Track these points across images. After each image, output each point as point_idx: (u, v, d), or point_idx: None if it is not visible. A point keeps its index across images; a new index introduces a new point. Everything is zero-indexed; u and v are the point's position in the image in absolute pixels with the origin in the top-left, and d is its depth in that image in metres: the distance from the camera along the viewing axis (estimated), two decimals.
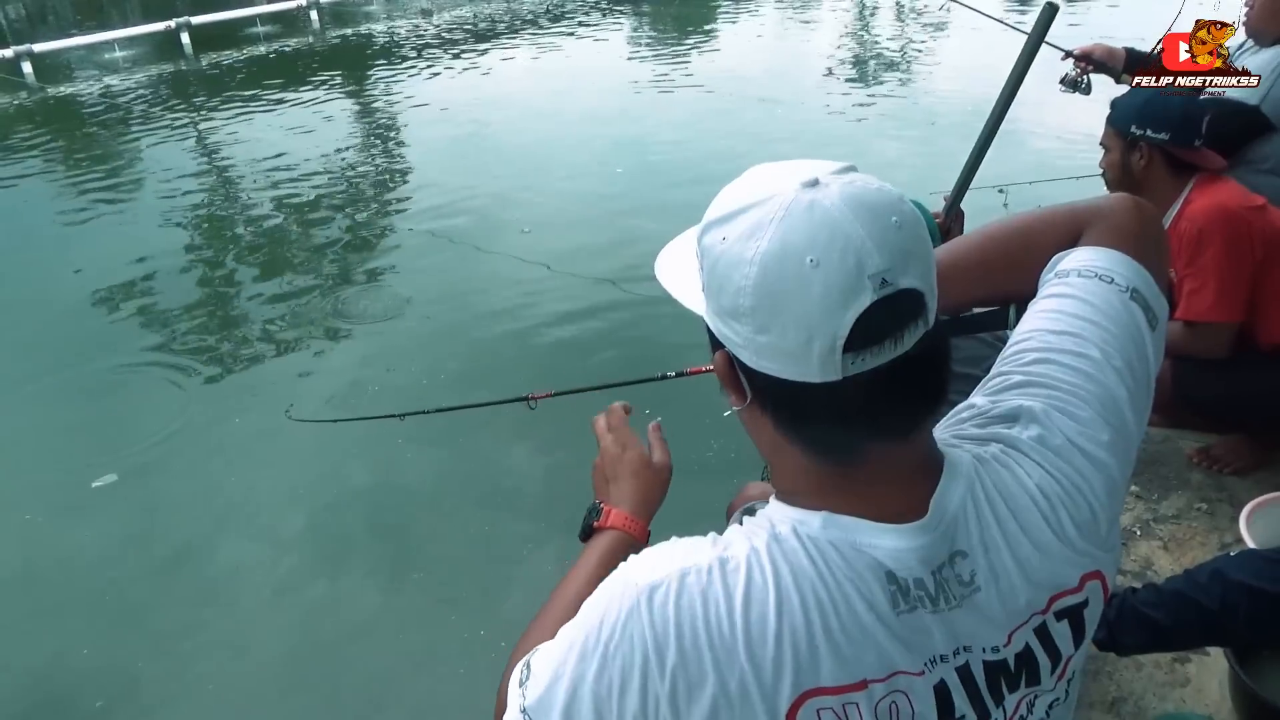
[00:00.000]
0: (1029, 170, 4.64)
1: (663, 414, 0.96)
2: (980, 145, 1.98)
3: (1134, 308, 0.82)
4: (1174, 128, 2.14)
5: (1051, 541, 0.74)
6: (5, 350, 4.38)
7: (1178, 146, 2.16)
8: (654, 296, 4.17)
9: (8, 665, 2.59)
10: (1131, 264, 0.84)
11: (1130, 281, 0.83)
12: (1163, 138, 2.15)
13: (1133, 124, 2.18)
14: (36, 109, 9.57)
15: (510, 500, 3.13)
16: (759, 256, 0.66)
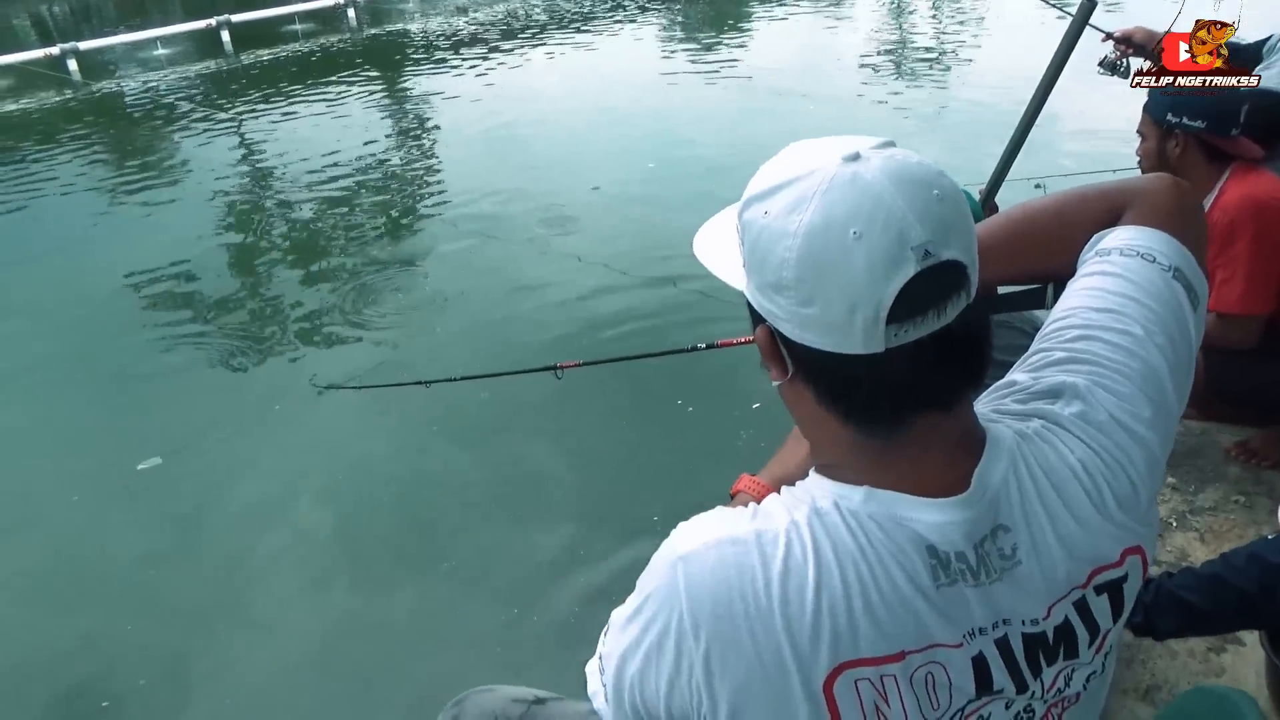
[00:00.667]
0: (1067, 162, 4.60)
1: (695, 400, 0.97)
2: (1018, 135, 1.98)
3: (1176, 286, 0.82)
4: (1210, 116, 2.12)
5: (1093, 516, 0.75)
6: (54, 338, 4.49)
7: (1213, 135, 2.14)
8: (683, 282, 4.22)
9: (56, 642, 2.66)
10: (1173, 242, 0.84)
11: (1172, 260, 0.83)
12: (1198, 126, 2.13)
13: (1169, 112, 2.16)
14: (82, 105, 9.76)
15: (539, 476, 3.16)
16: (802, 229, 0.67)
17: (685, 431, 3.28)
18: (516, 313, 4.32)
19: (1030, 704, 0.77)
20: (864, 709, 0.71)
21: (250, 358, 4.20)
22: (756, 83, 8.55)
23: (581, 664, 0.94)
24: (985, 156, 2.32)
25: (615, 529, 2.81)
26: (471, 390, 3.41)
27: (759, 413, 3.28)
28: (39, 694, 2.50)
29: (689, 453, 3.14)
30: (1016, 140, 1.97)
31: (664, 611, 0.73)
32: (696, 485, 2.79)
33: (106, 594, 2.83)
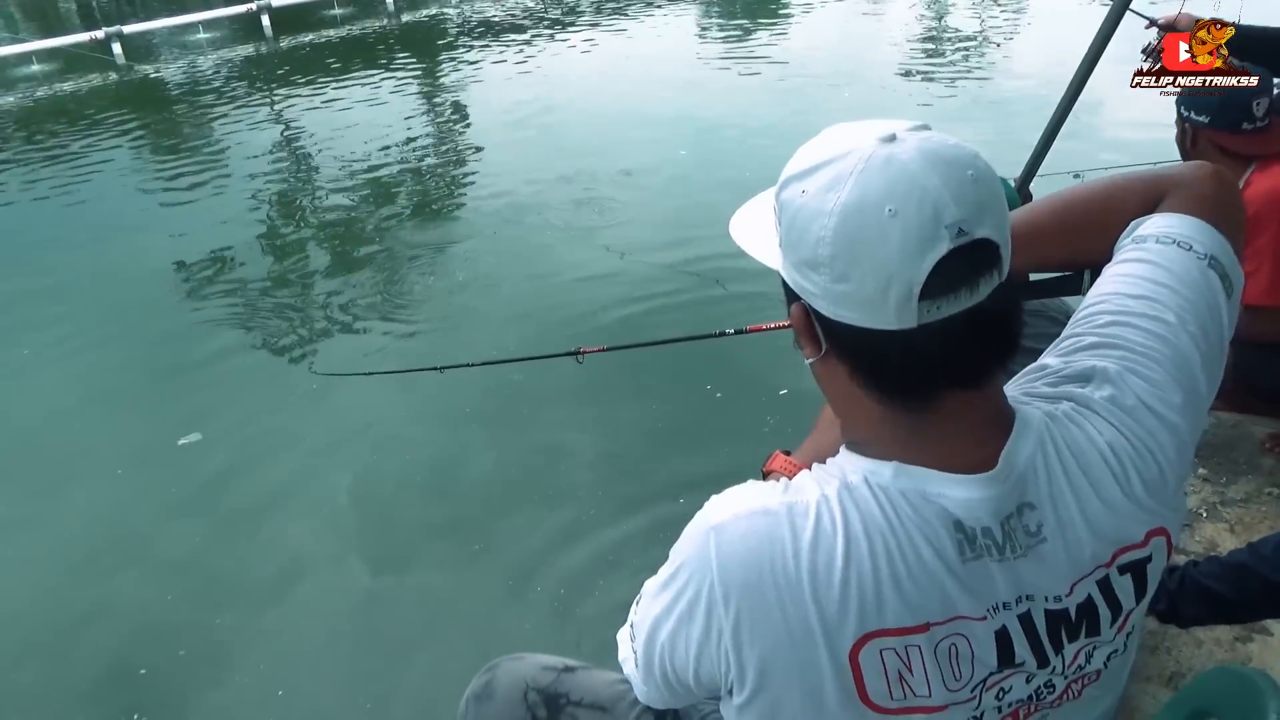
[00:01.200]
0: (1110, 155, 4.55)
1: (723, 385, 0.98)
2: (1054, 123, 1.98)
3: (1211, 275, 0.83)
4: (1212, 112, 2.11)
5: (1119, 498, 0.76)
6: (99, 318, 4.60)
7: (1218, 130, 2.12)
8: (710, 269, 4.22)
9: (97, 608, 2.75)
10: (1210, 230, 0.85)
11: (1208, 249, 0.84)
12: (1202, 121, 2.12)
13: (1181, 105, 2.16)
14: (126, 88, 9.93)
15: (567, 458, 3.22)
16: (839, 207, 0.69)
17: (712, 416, 3.31)
18: (543, 298, 4.35)
19: (1051, 679, 0.79)
20: (888, 677, 0.73)
21: (288, 340, 4.28)
22: (791, 70, 8.50)
23: (610, 637, 0.98)
24: (1024, 146, 2.31)
25: (642, 509, 2.85)
26: (504, 373, 3.47)
27: (786, 399, 3.29)
28: (81, 658, 2.58)
29: (715, 436, 3.17)
30: (1052, 128, 1.97)
31: (696, 579, 0.76)
32: (722, 467, 2.81)
33: (146, 563, 2.92)
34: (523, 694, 1.18)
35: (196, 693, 2.44)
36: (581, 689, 1.19)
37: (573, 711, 1.17)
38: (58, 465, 3.42)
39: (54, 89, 9.94)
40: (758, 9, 12.15)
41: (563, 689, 1.19)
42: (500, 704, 1.19)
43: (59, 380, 4.03)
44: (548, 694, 1.18)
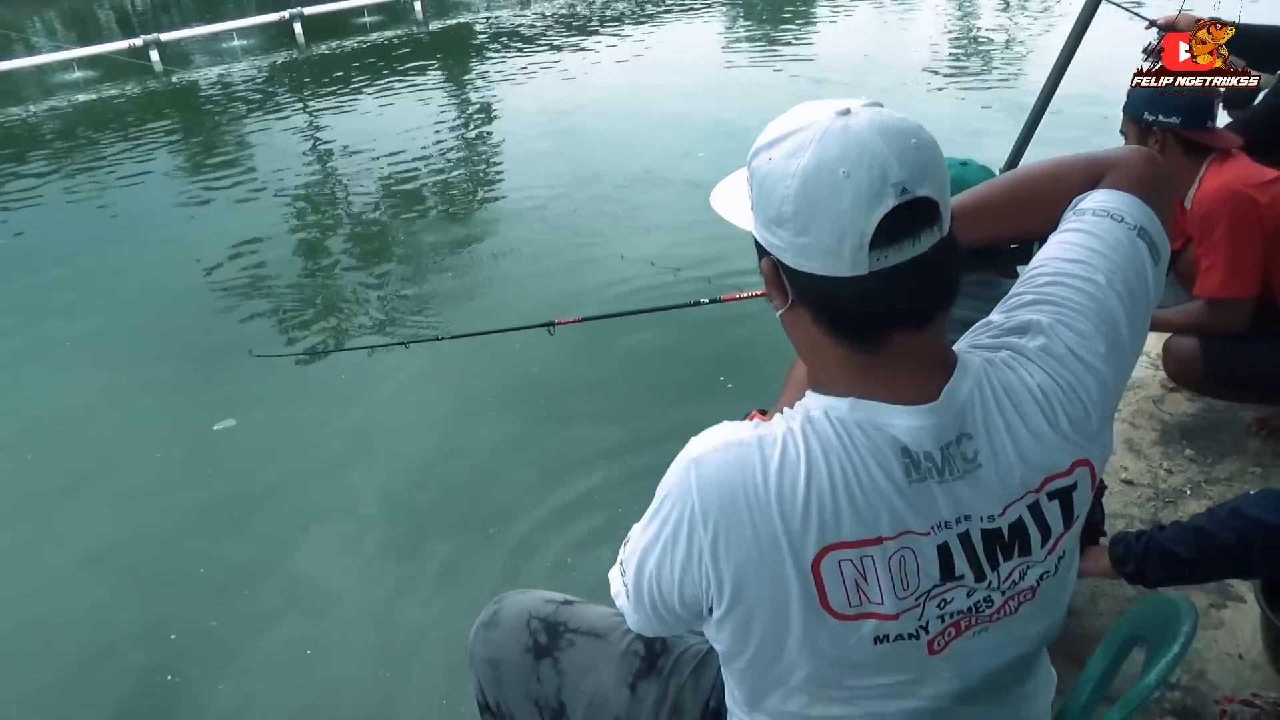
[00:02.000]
0: None
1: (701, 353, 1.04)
2: (1035, 113, 2.07)
3: (1140, 243, 0.94)
4: (1183, 111, 2.20)
5: (1047, 431, 0.87)
6: (138, 313, 4.81)
7: (1189, 130, 2.22)
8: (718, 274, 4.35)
9: (135, 580, 2.93)
10: (1141, 205, 0.96)
11: (1138, 220, 0.95)
12: (1174, 121, 2.22)
13: (1145, 110, 2.25)
14: (163, 93, 10.20)
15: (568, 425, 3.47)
16: (800, 170, 0.79)
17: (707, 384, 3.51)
18: (558, 295, 4.49)
19: (989, 594, 0.89)
20: (846, 585, 0.83)
21: (314, 331, 4.46)
22: (816, 75, 8.58)
23: (605, 583, 1.09)
24: (1048, 144, 2.40)
25: (634, 468, 3.07)
26: (531, 357, 3.70)
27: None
28: (117, 622, 2.75)
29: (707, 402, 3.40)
30: (1034, 118, 2.06)
31: (679, 506, 0.86)
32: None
33: (181, 538, 3.08)
34: (525, 622, 1.31)
35: (226, 655, 2.59)
36: (579, 619, 1.31)
37: (570, 638, 1.29)
38: (100, 449, 3.60)
39: (94, 95, 10.22)
40: (784, 13, 12.24)
41: (561, 618, 1.31)
42: (505, 630, 1.32)
43: (99, 372, 4.22)
44: (548, 622, 1.31)
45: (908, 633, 0.87)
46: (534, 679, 1.28)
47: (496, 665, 1.31)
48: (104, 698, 2.49)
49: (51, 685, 2.56)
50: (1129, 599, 1.97)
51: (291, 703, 2.44)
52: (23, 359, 4.38)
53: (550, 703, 1.27)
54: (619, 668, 1.25)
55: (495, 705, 1.33)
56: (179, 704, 2.46)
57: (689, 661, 1.24)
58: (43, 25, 16.95)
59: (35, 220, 6.49)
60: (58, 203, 6.81)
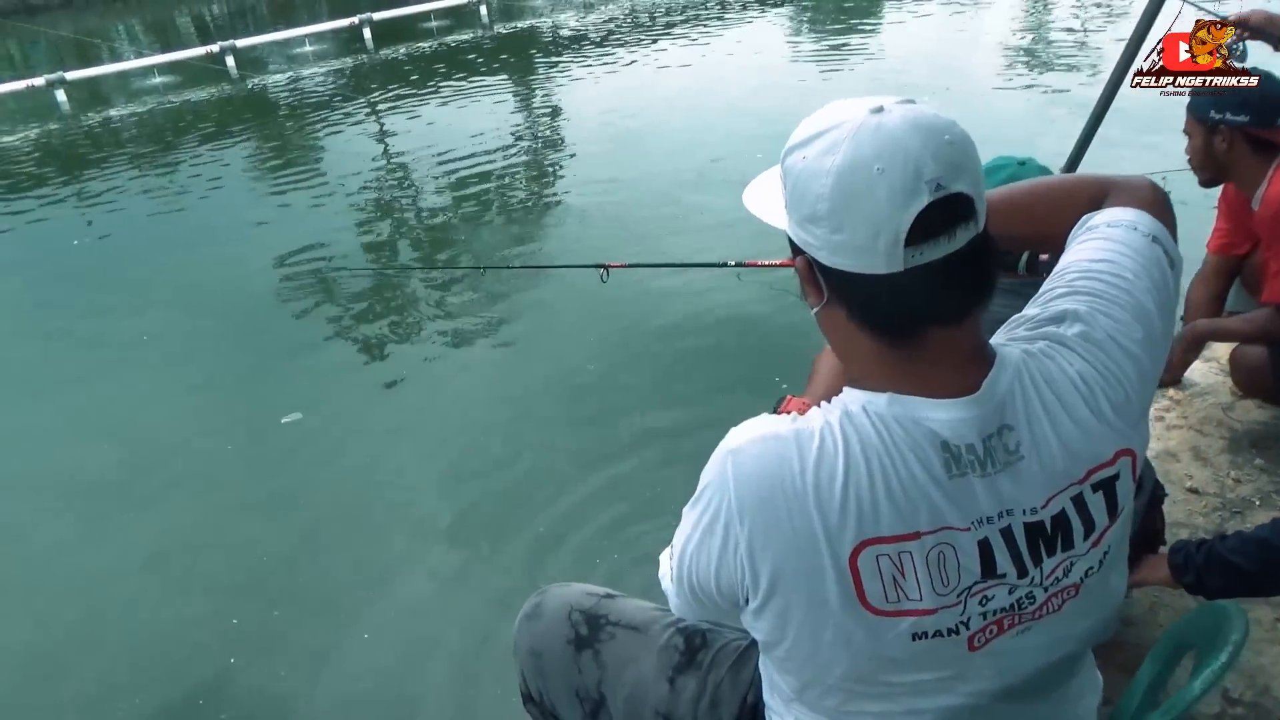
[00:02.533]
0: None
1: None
2: (1094, 117, 2.02)
3: (1155, 247, 0.95)
4: (1253, 109, 2.12)
5: (1089, 419, 0.86)
6: (214, 305, 4.99)
7: (1258, 128, 2.14)
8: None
9: (205, 564, 3.05)
10: (1150, 218, 0.97)
11: (1151, 230, 0.96)
12: (1242, 120, 2.13)
13: (1212, 109, 2.17)
14: (237, 98, 10.53)
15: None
16: (834, 168, 0.79)
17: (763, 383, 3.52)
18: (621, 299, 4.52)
19: (1031, 590, 0.88)
20: (884, 581, 0.83)
21: (380, 330, 4.57)
22: (880, 76, 8.50)
23: (649, 578, 1.11)
24: (1109, 144, 2.33)
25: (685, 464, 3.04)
26: (588, 355, 3.80)
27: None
28: (185, 610, 2.85)
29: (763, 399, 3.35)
30: (1095, 118, 2.02)
31: (716, 498, 0.87)
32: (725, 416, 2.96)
33: (246, 530, 3.18)
34: (567, 614, 1.33)
35: (286, 641, 2.68)
36: (619, 612, 1.33)
37: (611, 630, 1.31)
38: (175, 440, 3.74)
39: (173, 100, 10.59)
40: (851, 12, 12.12)
41: (602, 611, 1.34)
42: (548, 622, 1.34)
43: (175, 366, 4.38)
44: (589, 615, 1.33)
45: (947, 629, 0.86)
46: (575, 670, 1.30)
47: (539, 656, 1.34)
48: (168, 677, 2.59)
49: (121, 663, 2.67)
50: (1189, 610, 1.91)
51: (346, 689, 2.51)
52: (102, 353, 4.56)
53: (591, 694, 1.29)
54: (658, 661, 1.27)
55: (538, 695, 1.35)
56: (239, 686, 2.55)
57: (728, 656, 1.24)
58: (126, 33, 17.61)
59: (116, 220, 6.75)
60: (137, 203, 7.07)
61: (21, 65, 15.24)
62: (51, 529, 3.28)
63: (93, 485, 3.51)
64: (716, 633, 1.29)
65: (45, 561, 3.12)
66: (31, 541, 3.23)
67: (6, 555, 3.17)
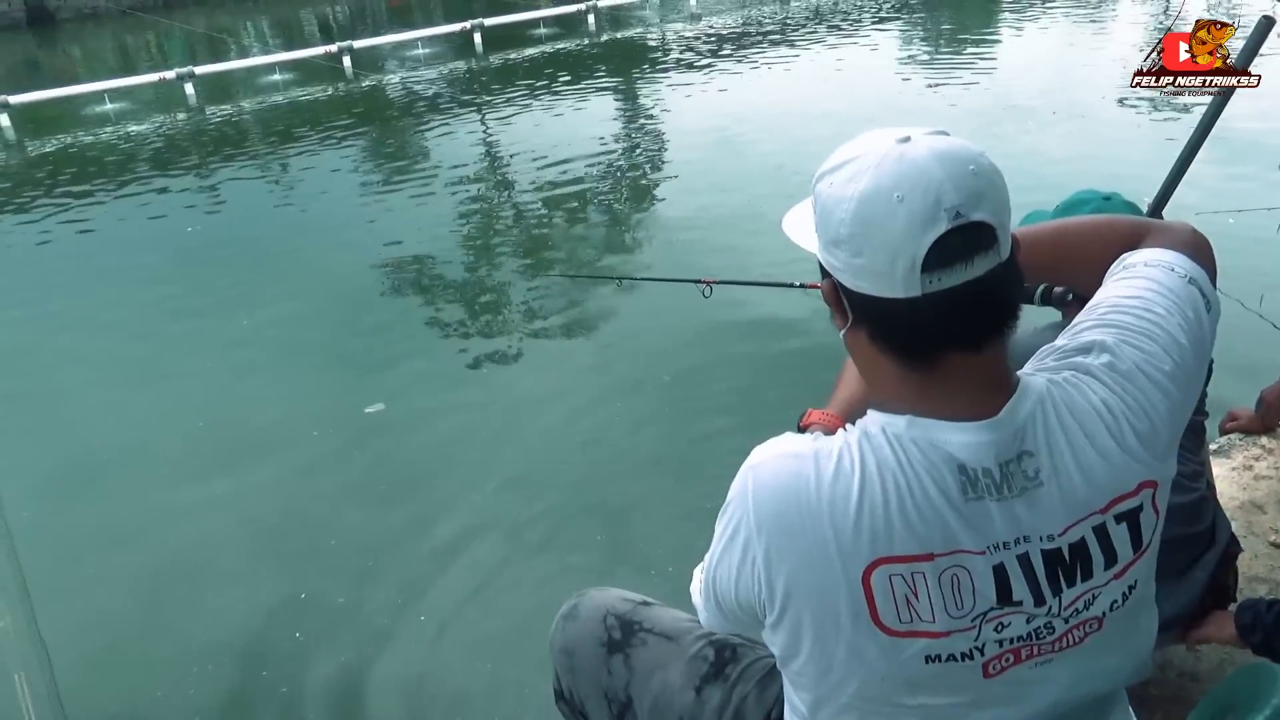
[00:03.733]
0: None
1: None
2: (1187, 151, 1.95)
3: (1192, 289, 0.93)
4: None
5: (1113, 449, 0.86)
6: (316, 294, 5.22)
7: None
8: None
9: (286, 546, 3.20)
10: (1189, 260, 0.96)
11: (1189, 271, 0.95)
12: None
13: None
14: (352, 97, 10.94)
15: None
16: (856, 194, 0.81)
17: None
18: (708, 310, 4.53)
19: (1050, 620, 0.87)
20: (896, 599, 0.84)
21: (468, 328, 4.71)
22: (997, 96, 8.29)
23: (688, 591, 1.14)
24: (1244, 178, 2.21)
25: None
26: (666, 366, 3.86)
27: None
28: (259, 584, 2.99)
29: None
30: (1186, 154, 1.95)
31: (737, 512, 0.89)
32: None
33: (322, 513, 3.32)
34: (603, 617, 1.36)
35: (347, 616, 2.81)
36: (654, 620, 1.35)
37: (643, 637, 1.33)
38: (271, 423, 3.92)
39: (291, 96, 11.07)
40: (966, 30, 11.88)
41: (637, 618, 1.36)
42: (583, 623, 1.37)
43: (270, 351, 4.60)
44: (624, 620, 1.36)
45: (960, 653, 0.86)
46: (605, 672, 1.33)
47: (572, 655, 1.37)
48: (238, 643, 2.75)
49: (198, 625, 2.83)
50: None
51: (396, 669, 2.61)
52: (208, 336, 4.80)
53: (619, 696, 1.32)
54: (687, 670, 1.28)
55: (569, 693, 1.39)
56: (300, 660, 2.67)
57: (756, 673, 1.26)
58: (254, 30, 18.47)
59: (229, 210, 7.12)
60: (250, 193, 7.44)
61: (158, 58, 16.14)
62: (149, 497, 3.48)
63: (187, 458, 3.71)
64: (747, 648, 1.30)
65: (141, 531, 3.31)
66: (131, 510, 3.44)
67: (111, 523, 3.38)
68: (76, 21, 19.43)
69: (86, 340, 4.86)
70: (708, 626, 1.07)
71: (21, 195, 7.85)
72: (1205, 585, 1.61)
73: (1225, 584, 1.75)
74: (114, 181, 7.94)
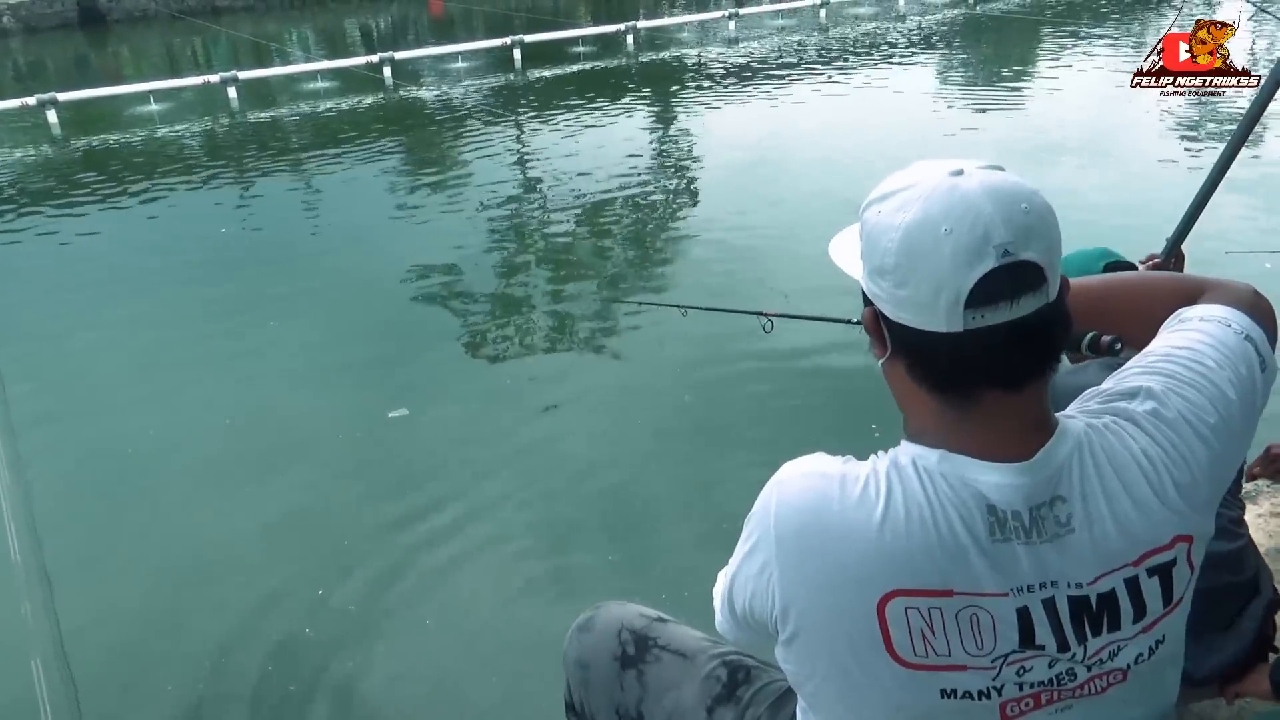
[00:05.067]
0: None
1: None
2: (1203, 192, 1.92)
3: (1247, 346, 0.93)
4: None
5: (1150, 499, 0.84)
6: (341, 307, 5.28)
7: None
8: None
9: (307, 546, 3.23)
10: (1246, 318, 0.95)
11: (1245, 328, 0.94)
12: None
13: None
14: (392, 107, 11.08)
15: None
16: (904, 224, 0.81)
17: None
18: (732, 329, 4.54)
19: (1072, 667, 0.85)
20: (911, 632, 0.82)
21: (494, 342, 4.76)
22: (1032, 135, 8.21)
23: (705, 605, 1.14)
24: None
25: None
26: (689, 383, 3.91)
27: None
28: (276, 583, 3.03)
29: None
30: (1199, 200, 1.93)
31: (759, 525, 0.89)
32: None
33: (343, 517, 3.36)
34: (617, 631, 1.37)
35: (361, 624, 2.83)
36: (669, 636, 1.36)
37: (657, 653, 1.33)
38: (301, 426, 3.97)
39: (332, 104, 11.23)
40: (1005, 63, 11.84)
41: (653, 633, 1.36)
42: (597, 636, 1.38)
43: (297, 355, 4.67)
44: (639, 635, 1.36)
45: (978, 691, 0.85)
46: (618, 687, 1.33)
47: (585, 668, 1.37)
48: (251, 641, 2.79)
49: (214, 622, 2.87)
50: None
51: (404, 671, 2.64)
52: (238, 338, 4.87)
53: (630, 712, 1.32)
54: (700, 690, 1.28)
55: (580, 706, 1.39)
56: (310, 660, 2.71)
57: (768, 696, 1.25)
58: (298, 38, 18.77)
59: (264, 212, 7.23)
60: (286, 198, 7.58)
61: (203, 63, 16.43)
62: (173, 494, 3.54)
63: (213, 457, 3.77)
64: (760, 670, 1.29)
65: (163, 527, 3.37)
66: (156, 506, 3.50)
67: (135, 517, 3.43)
68: (127, 23, 19.83)
69: (116, 336, 4.97)
70: (721, 632, 1.06)
71: (63, 191, 8.01)
72: (1254, 636, 1.57)
73: (1268, 634, 1.71)
74: (151, 180, 8.10)
